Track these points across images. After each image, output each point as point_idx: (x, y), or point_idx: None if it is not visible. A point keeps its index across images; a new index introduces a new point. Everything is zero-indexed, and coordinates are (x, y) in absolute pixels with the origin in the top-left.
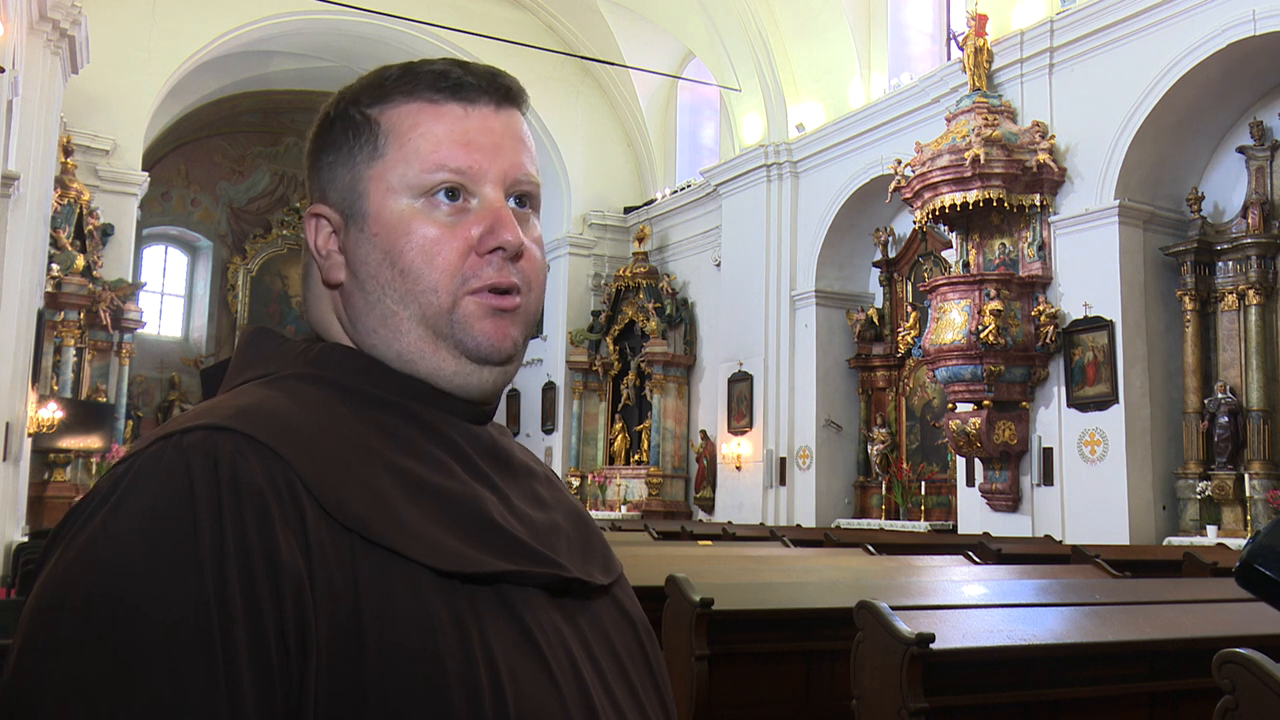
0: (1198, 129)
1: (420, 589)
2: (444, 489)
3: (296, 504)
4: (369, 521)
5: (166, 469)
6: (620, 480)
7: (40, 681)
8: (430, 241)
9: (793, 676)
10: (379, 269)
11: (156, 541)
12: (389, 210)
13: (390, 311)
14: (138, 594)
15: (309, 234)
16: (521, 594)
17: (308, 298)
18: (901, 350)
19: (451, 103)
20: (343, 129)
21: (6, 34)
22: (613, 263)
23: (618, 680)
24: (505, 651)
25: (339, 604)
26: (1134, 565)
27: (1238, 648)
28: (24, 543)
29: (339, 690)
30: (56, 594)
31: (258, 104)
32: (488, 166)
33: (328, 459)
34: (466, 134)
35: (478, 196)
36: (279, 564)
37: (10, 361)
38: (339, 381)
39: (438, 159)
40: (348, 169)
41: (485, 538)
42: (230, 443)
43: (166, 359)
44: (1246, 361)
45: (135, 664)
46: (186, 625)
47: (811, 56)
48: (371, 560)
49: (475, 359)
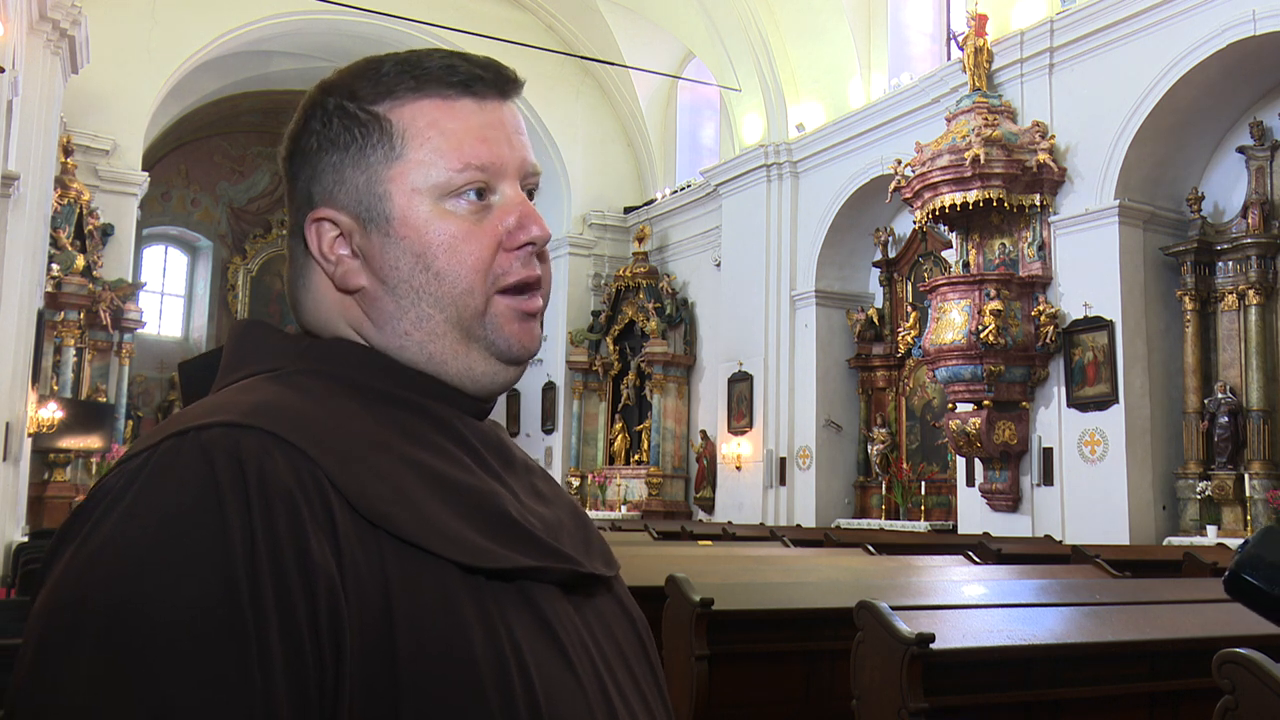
0: (1198, 129)
1: (448, 586)
2: (463, 484)
3: (325, 503)
4: (396, 518)
5: (187, 467)
6: (620, 480)
7: (61, 685)
8: (460, 241)
9: (793, 676)
10: (412, 273)
11: (183, 543)
12: (415, 212)
13: (426, 315)
14: (165, 598)
15: (311, 240)
16: (541, 589)
17: (304, 303)
18: (901, 350)
19: (465, 98)
20: (344, 127)
21: (6, 34)
22: (613, 263)
23: (624, 676)
24: (531, 647)
25: (369, 605)
26: (1134, 565)
27: (1238, 648)
28: (24, 543)
29: (373, 691)
30: (76, 595)
31: (258, 104)
32: (507, 161)
33: (349, 455)
34: (484, 130)
35: (498, 192)
36: (312, 565)
37: (10, 361)
38: (347, 376)
39: (462, 158)
40: (360, 170)
41: (505, 533)
42: (254, 440)
43: (166, 359)
44: (1246, 361)
45: (166, 670)
46: (219, 631)
47: (811, 56)
48: (399, 558)
49: (506, 360)
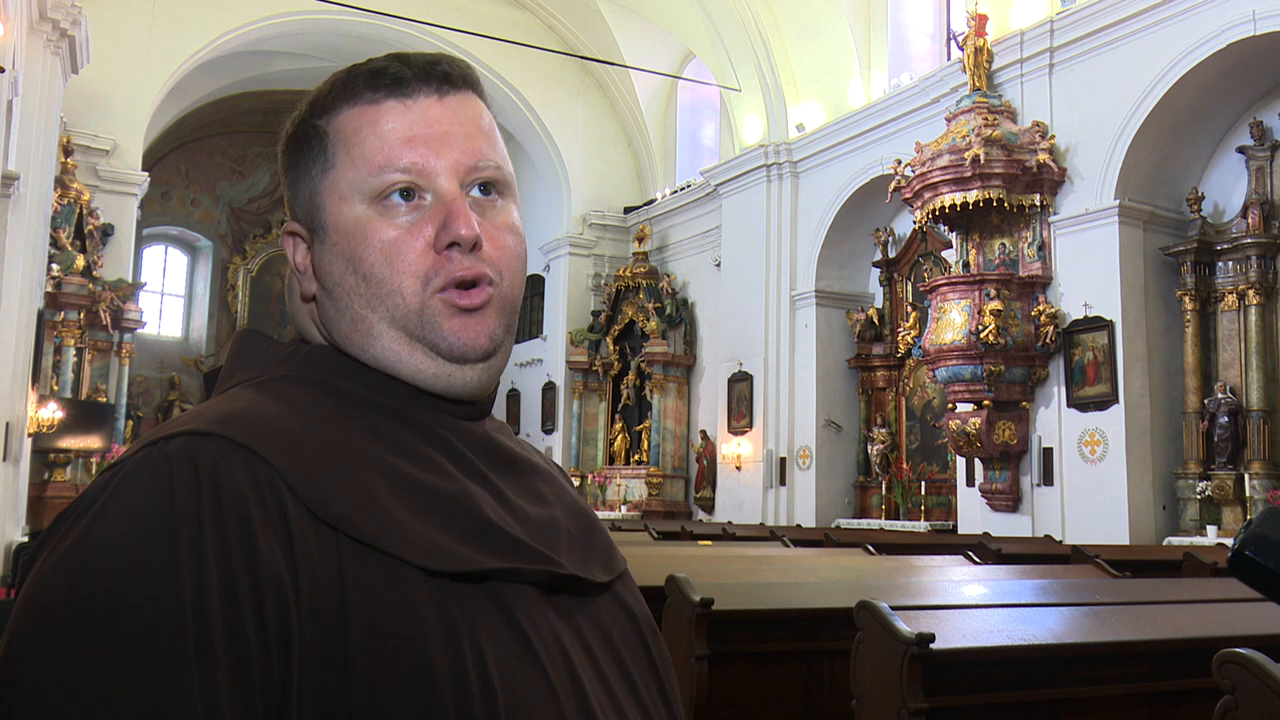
0: (1198, 129)
1: (408, 588)
2: (434, 487)
3: (279, 504)
4: (355, 521)
5: (150, 475)
6: (620, 480)
7: (25, 683)
8: (389, 244)
9: (793, 676)
10: (343, 277)
11: (138, 547)
12: (344, 218)
13: (359, 316)
14: (118, 598)
15: (288, 251)
16: (514, 591)
17: (290, 310)
18: (901, 350)
19: (390, 100)
20: (301, 144)
21: (6, 34)
22: (613, 263)
23: (618, 677)
24: (495, 649)
25: (323, 600)
26: (1134, 565)
27: (1238, 648)
28: (24, 543)
29: (325, 686)
30: (41, 597)
31: (258, 104)
32: (435, 160)
33: (314, 460)
34: (409, 130)
35: (431, 192)
36: (259, 564)
37: (10, 361)
38: (327, 382)
39: (382, 160)
40: (305, 183)
41: (476, 535)
42: (212, 447)
43: (166, 359)
44: (1246, 361)
45: (115, 668)
46: (164, 629)
47: (811, 56)
48: (358, 559)
49: (451, 358)
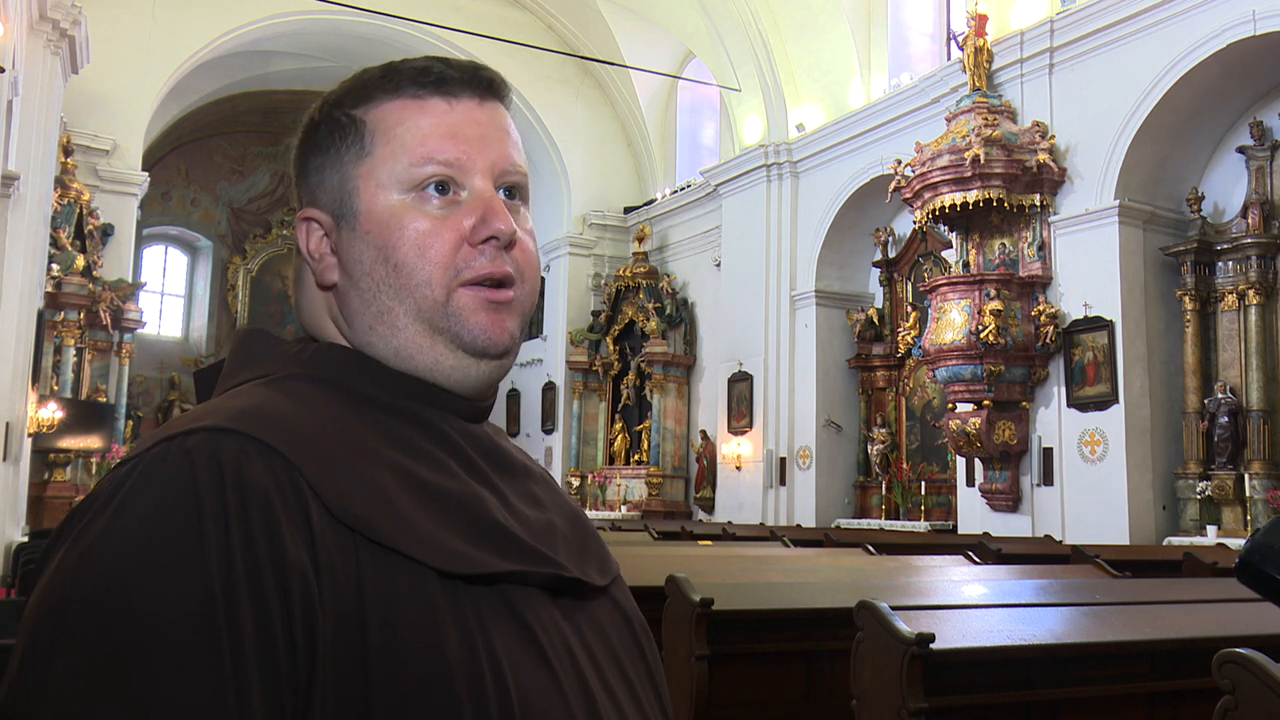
0: (1198, 129)
1: (424, 589)
2: (445, 489)
3: (301, 505)
4: (372, 522)
5: (171, 471)
6: (620, 480)
7: (46, 682)
8: (422, 234)
9: (793, 676)
10: (373, 266)
11: (162, 542)
12: (380, 206)
13: (386, 308)
14: (143, 595)
15: (300, 239)
16: (522, 593)
17: (300, 302)
18: (901, 350)
19: (435, 97)
20: (328, 132)
21: (6, 34)
22: (613, 263)
23: (616, 679)
24: (509, 651)
25: (343, 601)
26: (1134, 565)
27: (1238, 648)
28: (24, 543)
29: (344, 688)
30: (61, 595)
31: (258, 104)
32: (475, 158)
33: (330, 459)
34: (453, 127)
35: (467, 188)
36: (285, 561)
37: (10, 361)
38: (336, 381)
39: (425, 152)
40: (335, 170)
41: (487, 538)
42: (234, 444)
43: (166, 359)
44: (1246, 361)
45: (141, 665)
46: (193, 624)
47: (811, 57)
48: (375, 561)
49: (472, 352)
